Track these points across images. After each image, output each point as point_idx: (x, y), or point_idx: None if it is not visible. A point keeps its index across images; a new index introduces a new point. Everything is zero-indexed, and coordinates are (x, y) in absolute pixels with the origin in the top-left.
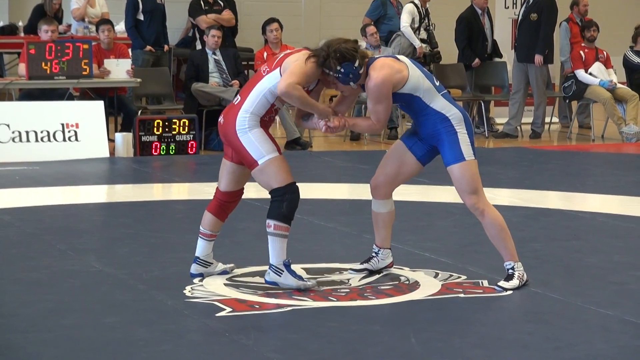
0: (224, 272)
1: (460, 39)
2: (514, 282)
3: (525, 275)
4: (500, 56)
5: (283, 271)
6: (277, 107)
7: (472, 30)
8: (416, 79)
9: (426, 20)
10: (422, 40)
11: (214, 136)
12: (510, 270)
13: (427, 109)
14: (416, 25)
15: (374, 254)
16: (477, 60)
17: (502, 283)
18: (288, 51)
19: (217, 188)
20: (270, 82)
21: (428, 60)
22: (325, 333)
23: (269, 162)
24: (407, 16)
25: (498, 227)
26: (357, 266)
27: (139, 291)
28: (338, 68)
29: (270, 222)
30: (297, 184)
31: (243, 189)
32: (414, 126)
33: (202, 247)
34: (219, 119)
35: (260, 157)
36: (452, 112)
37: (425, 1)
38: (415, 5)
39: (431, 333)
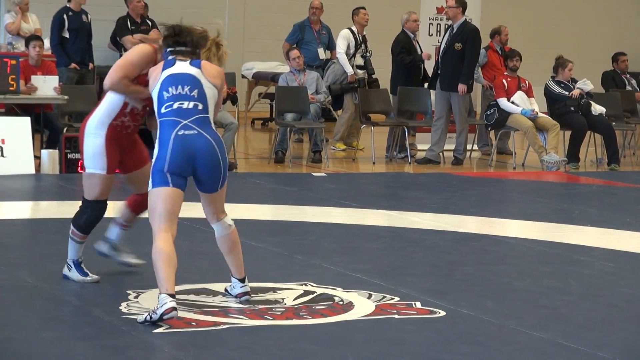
0: (125, 264)
1: (401, 58)
2: (144, 317)
3: (166, 306)
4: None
5: (72, 267)
6: (134, 108)
7: (407, 52)
8: (160, 95)
9: (363, 47)
10: (358, 67)
11: None
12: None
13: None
14: (352, 52)
15: None
16: (424, 52)
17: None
18: None
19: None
20: None
21: (362, 86)
22: (263, 351)
23: (92, 175)
24: (342, 42)
25: (153, 258)
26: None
27: (75, 306)
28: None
29: (71, 226)
30: (105, 204)
31: None
32: None
33: (115, 233)
34: None
35: (88, 167)
36: (156, 140)
37: (362, 27)
38: (352, 31)
39: (368, 353)
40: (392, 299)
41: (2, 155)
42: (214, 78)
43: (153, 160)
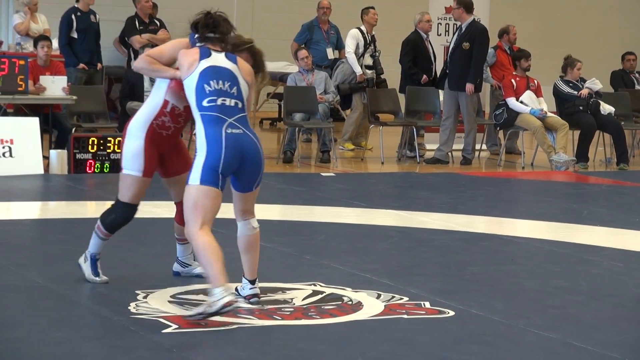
0: (199, 275)
1: (404, 61)
2: (196, 310)
3: (224, 300)
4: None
5: (88, 260)
6: (174, 107)
7: (417, 53)
8: (198, 86)
9: (372, 47)
10: (367, 67)
11: None
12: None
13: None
14: (361, 51)
15: None
16: (424, 77)
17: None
18: None
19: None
20: (158, 80)
21: (370, 86)
22: (272, 351)
23: (127, 176)
24: (351, 41)
25: (201, 254)
26: None
27: (83, 307)
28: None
29: (98, 220)
30: (136, 208)
31: None
32: None
33: (179, 250)
34: None
35: (125, 168)
36: (200, 135)
37: (372, 27)
38: (361, 31)
39: (377, 353)
40: (401, 299)
41: (11, 156)
42: (248, 75)
43: (200, 154)
